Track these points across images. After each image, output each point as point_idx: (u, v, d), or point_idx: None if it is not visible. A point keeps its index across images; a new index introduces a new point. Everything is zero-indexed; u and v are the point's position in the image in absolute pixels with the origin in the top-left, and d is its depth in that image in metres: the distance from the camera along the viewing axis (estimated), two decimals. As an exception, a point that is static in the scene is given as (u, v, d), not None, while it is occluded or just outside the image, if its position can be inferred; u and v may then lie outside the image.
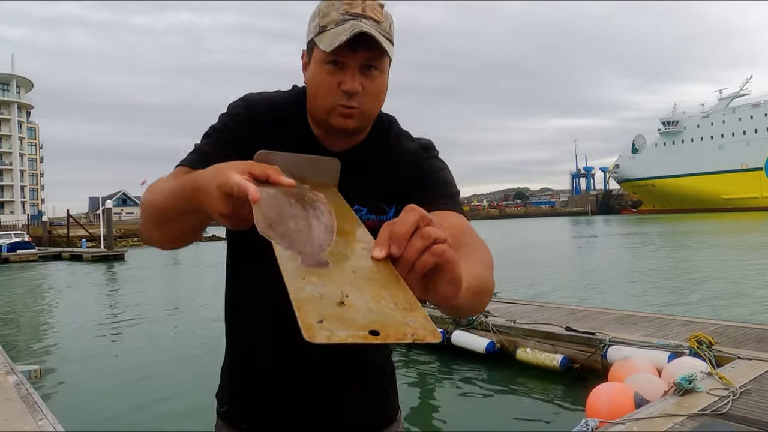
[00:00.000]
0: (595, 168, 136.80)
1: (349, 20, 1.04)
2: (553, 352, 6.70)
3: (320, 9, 1.09)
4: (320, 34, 1.06)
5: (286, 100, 1.22)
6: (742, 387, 4.40)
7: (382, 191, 1.20)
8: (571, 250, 30.33)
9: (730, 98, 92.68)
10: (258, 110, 1.19)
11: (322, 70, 1.08)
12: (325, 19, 1.06)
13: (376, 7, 1.08)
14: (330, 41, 1.04)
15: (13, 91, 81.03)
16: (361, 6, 1.06)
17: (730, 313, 10.25)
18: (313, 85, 1.12)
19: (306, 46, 1.14)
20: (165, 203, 0.99)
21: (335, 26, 1.04)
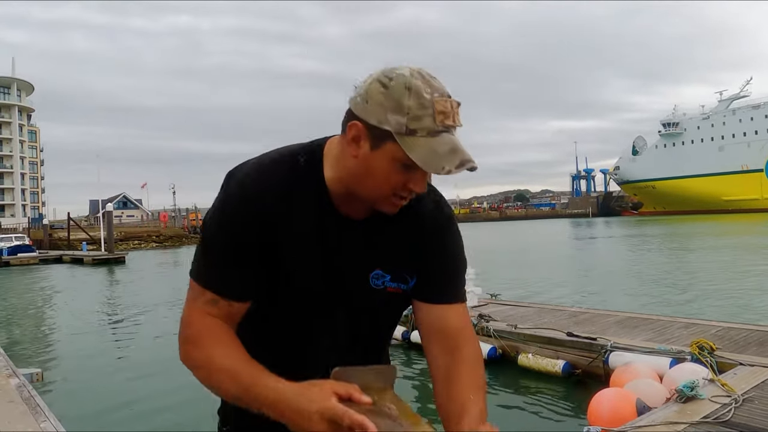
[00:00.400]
0: (595, 170, 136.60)
1: (444, 132, 1.00)
2: (555, 357, 6.69)
3: (409, 106, 0.99)
4: (408, 137, 1.00)
5: (295, 173, 1.13)
6: (745, 394, 4.39)
7: (404, 259, 1.21)
8: (571, 251, 30.31)
9: (730, 100, 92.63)
10: (264, 202, 1.10)
11: (393, 168, 1.04)
12: (416, 122, 0.99)
13: (457, 110, 1.03)
14: (427, 160, 0.99)
15: (13, 94, 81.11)
16: (452, 113, 1.01)
17: (732, 314, 10.24)
18: (374, 177, 1.06)
19: (368, 127, 1.03)
20: (233, 398, 1.06)
21: (428, 136, 0.99)
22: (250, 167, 1.14)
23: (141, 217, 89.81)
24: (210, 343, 1.08)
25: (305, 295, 1.16)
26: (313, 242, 1.14)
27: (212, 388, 1.08)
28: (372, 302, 1.21)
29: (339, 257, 1.16)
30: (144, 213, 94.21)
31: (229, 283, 1.11)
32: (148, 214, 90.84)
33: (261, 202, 1.10)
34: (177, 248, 51.41)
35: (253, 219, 1.09)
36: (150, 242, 54.77)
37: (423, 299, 1.25)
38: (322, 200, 1.14)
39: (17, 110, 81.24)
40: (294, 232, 1.12)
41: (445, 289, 1.24)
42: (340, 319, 1.20)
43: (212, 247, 1.12)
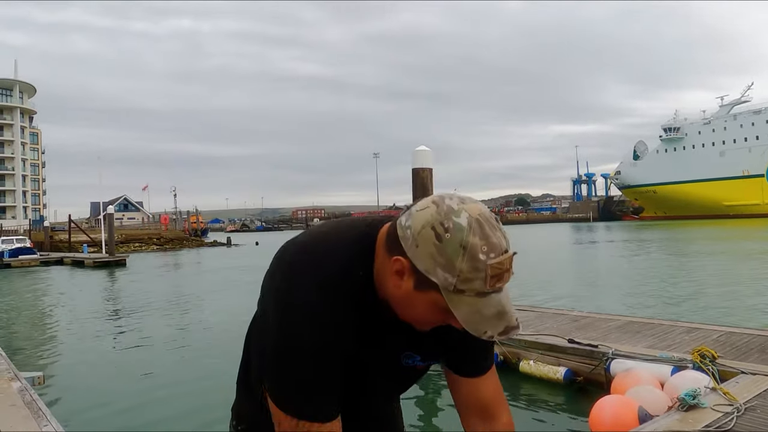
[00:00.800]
0: (596, 174, 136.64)
1: (492, 293, 0.97)
2: (557, 364, 6.69)
3: (460, 269, 0.95)
4: (454, 294, 0.97)
5: (356, 285, 1.09)
6: (747, 403, 4.39)
7: (437, 343, 1.22)
8: (572, 256, 30.30)
9: (731, 105, 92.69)
10: (341, 319, 1.07)
11: (435, 309, 1.02)
12: (466, 284, 0.96)
13: (512, 263, 0.99)
14: (469, 320, 0.97)
15: (15, 96, 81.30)
16: (506, 275, 0.97)
17: (733, 319, 10.23)
18: (414, 308, 1.05)
19: (415, 271, 1.00)
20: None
21: (476, 296, 0.96)
22: (310, 294, 1.06)
23: (142, 219, 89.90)
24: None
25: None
26: (368, 342, 1.15)
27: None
28: (402, 376, 1.26)
29: (380, 344, 1.18)
30: (145, 215, 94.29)
31: (330, 408, 1.09)
32: (149, 217, 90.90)
33: (336, 323, 1.06)
34: (178, 251, 51.41)
35: (335, 336, 1.06)
36: (151, 245, 54.77)
37: (455, 372, 1.29)
38: (376, 310, 1.12)
39: (19, 112, 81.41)
40: (361, 339, 1.13)
41: (476, 364, 1.28)
42: (362, 394, 1.24)
43: (304, 375, 1.06)
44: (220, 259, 37.76)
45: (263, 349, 1.10)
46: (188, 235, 63.10)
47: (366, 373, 1.20)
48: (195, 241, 60.15)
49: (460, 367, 1.27)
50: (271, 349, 1.07)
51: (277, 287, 1.08)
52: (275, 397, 1.08)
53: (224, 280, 22.76)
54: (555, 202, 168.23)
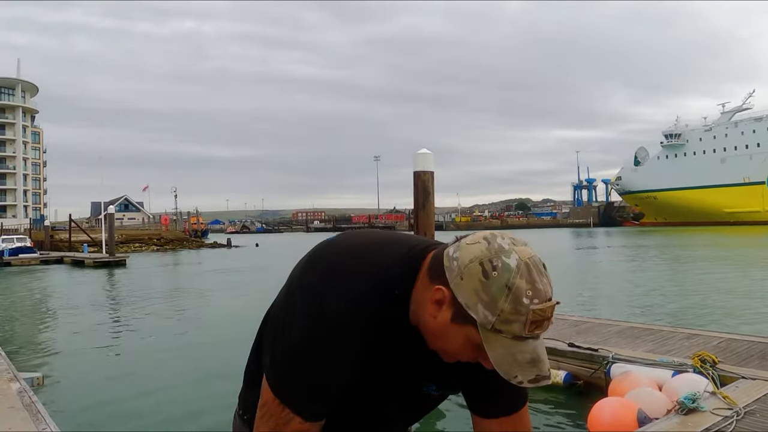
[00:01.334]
0: (597, 180, 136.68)
1: (529, 339, 0.96)
2: (557, 368, 6.68)
3: (502, 309, 0.94)
4: (490, 332, 0.96)
5: (390, 310, 1.08)
6: (746, 407, 4.39)
7: (458, 376, 1.20)
8: (572, 261, 30.28)
9: (732, 112, 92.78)
10: (364, 340, 1.06)
11: (468, 345, 1.01)
12: (505, 325, 0.95)
13: (552, 312, 0.98)
14: (502, 360, 0.96)
15: (18, 95, 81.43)
16: (546, 324, 0.97)
17: (733, 326, 10.23)
18: (446, 340, 1.03)
19: (457, 309, 0.99)
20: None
21: (512, 339, 0.95)
22: (342, 304, 1.05)
23: (142, 219, 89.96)
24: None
25: (356, 410, 1.18)
26: (391, 372, 1.15)
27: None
28: (418, 403, 1.25)
29: (400, 375, 1.17)
30: (145, 216, 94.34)
31: (317, 411, 1.09)
32: (149, 217, 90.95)
33: (360, 338, 1.05)
34: (178, 251, 51.42)
35: (348, 356, 1.06)
36: (151, 245, 54.76)
37: (475, 413, 1.27)
38: (406, 336, 1.11)
39: (21, 111, 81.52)
40: (380, 363, 1.12)
41: (496, 405, 1.24)
42: (380, 420, 1.23)
43: (306, 375, 1.06)
44: (220, 260, 37.76)
45: (278, 337, 1.10)
46: (188, 236, 63.07)
47: (386, 397, 1.19)
48: (195, 242, 60.11)
49: (477, 408, 1.24)
50: (289, 344, 1.06)
51: (312, 285, 1.06)
52: (274, 383, 1.08)
53: (224, 281, 22.77)
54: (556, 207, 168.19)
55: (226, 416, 1.43)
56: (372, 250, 1.11)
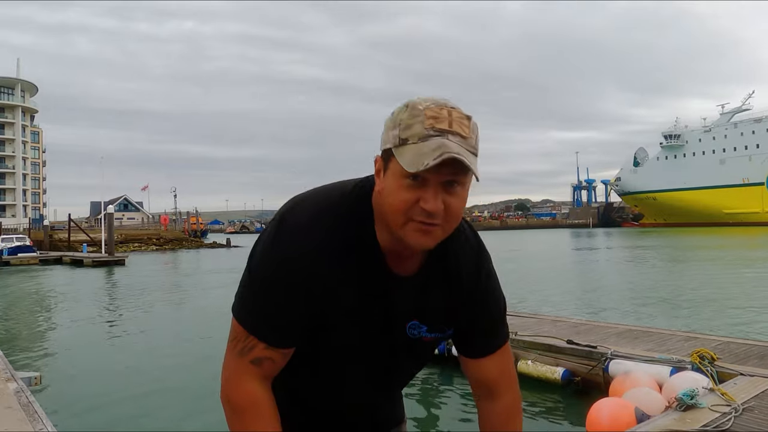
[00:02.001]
0: (596, 180, 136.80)
1: (435, 137, 0.96)
2: (555, 365, 6.69)
3: (401, 119, 1.00)
4: (401, 147, 0.98)
5: (350, 228, 1.10)
6: (745, 404, 4.39)
7: (444, 312, 1.22)
8: (572, 263, 30.28)
9: (731, 113, 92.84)
10: (319, 259, 1.08)
11: (400, 185, 1.00)
12: (407, 131, 0.98)
13: (464, 120, 0.99)
14: (412, 160, 0.96)
15: (17, 95, 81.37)
16: (448, 120, 0.98)
17: (732, 328, 10.22)
18: (388, 199, 1.03)
19: (381, 151, 1.04)
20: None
21: (418, 141, 0.97)
22: (306, 217, 1.11)
23: (142, 219, 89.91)
24: (251, 421, 1.12)
25: (343, 350, 1.19)
26: (360, 300, 1.14)
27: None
28: (408, 350, 1.24)
29: (380, 310, 1.17)
30: (145, 216, 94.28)
31: (280, 335, 1.12)
32: (148, 217, 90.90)
33: (318, 262, 1.08)
34: (177, 251, 51.40)
35: (307, 275, 1.08)
36: (150, 245, 54.75)
37: (462, 353, 1.32)
38: (375, 260, 1.12)
39: (20, 111, 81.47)
40: (343, 290, 1.12)
41: (481, 346, 1.29)
42: (373, 365, 1.24)
43: (265, 299, 1.11)
44: (220, 260, 37.73)
45: (243, 274, 1.16)
46: (188, 236, 63.04)
47: (368, 336, 1.19)
48: (194, 242, 60.10)
49: (464, 349, 1.30)
50: (248, 275, 1.13)
51: (269, 225, 1.15)
52: (238, 312, 1.13)
53: (223, 280, 22.74)
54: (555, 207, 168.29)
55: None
56: (326, 187, 1.18)
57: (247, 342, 1.11)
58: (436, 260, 1.17)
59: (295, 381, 1.25)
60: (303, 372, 1.23)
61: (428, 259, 1.16)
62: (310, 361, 1.21)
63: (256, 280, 1.12)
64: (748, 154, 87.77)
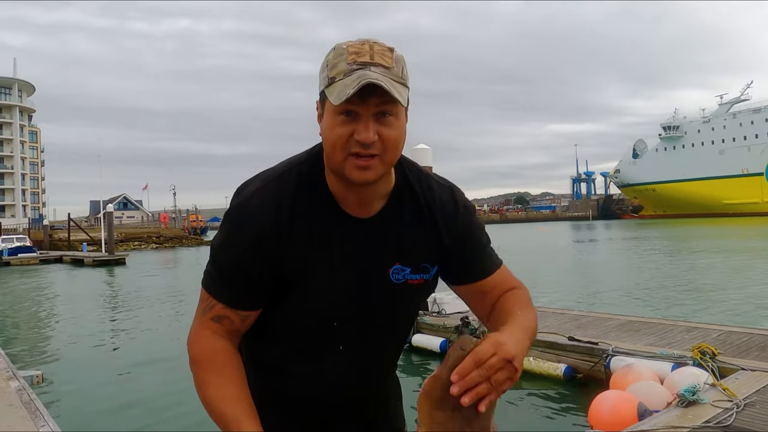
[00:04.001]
0: (595, 173, 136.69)
1: (357, 70, 1.01)
2: (557, 361, 6.69)
3: (329, 60, 1.06)
4: (330, 86, 1.04)
5: (299, 183, 1.14)
6: (746, 399, 4.39)
7: (422, 250, 1.20)
8: (572, 254, 30.30)
9: (730, 103, 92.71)
10: (269, 218, 1.11)
11: (334, 122, 1.05)
12: (334, 70, 1.04)
13: (385, 52, 1.04)
14: (338, 94, 1.01)
15: (14, 94, 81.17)
16: (369, 53, 1.03)
17: (733, 318, 10.24)
18: (327, 137, 1.08)
19: (319, 97, 1.10)
20: (212, 419, 1.15)
21: (344, 77, 1.02)
22: (254, 183, 1.16)
23: (141, 218, 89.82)
24: (208, 369, 1.15)
25: (317, 306, 1.17)
26: (323, 251, 1.14)
27: (201, 400, 1.17)
28: (393, 298, 1.20)
29: (354, 260, 1.16)
30: (144, 214, 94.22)
31: (235, 296, 1.15)
32: (148, 215, 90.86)
33: (266, 218, 1.11)
34: (177, 249, 51.40)
35: (259, 235, 1.11)
36: (150, 243, 54.75)
37: (453, 282, 1.27)
38: (327, 206, 1.14)
39: (18, 111, 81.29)
40: (302, 246, 1.12)
41: (472, 271, 1.25)
42: (350, 327, 1.20)
43: (221, 261, 1.16)
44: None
45: None
46: (187, 233, 63.04)
47: (353, 310, 1.17)
48: (194, 239, 60.08)
49: (453, 278, 1.26)
50: (211, 246, 1.21)
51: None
52: (203, 278, 1.21)
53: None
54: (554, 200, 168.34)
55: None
56: (276, 165, 1.22)
57: (209, 302, 1.17)
58: (401, 199, 1.18)
59: (273, 358, 1.24)
60: (281, 347, 1.22)
61: (391, 199, 1.18)
62: (284, 331, 1.20)
63: (213, 246, 1.19)
64: (747, 145, 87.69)
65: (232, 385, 1.13)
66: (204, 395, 1.15)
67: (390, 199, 1.18)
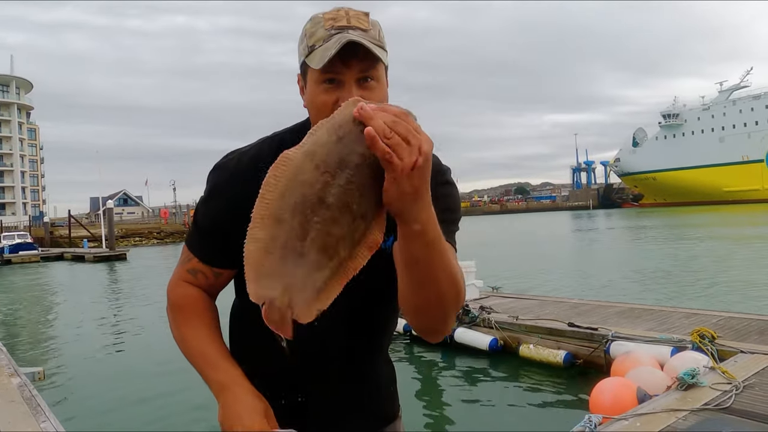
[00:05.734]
0: (595, 162, 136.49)
1: (336, 34, 1.02)
2: (556, 348, 6.71)
3: (306, 30, 1.07)
4: (310, 54, 1.05)
5: (282, 148, 1.10)
6: (745, 381, 4.41)
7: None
8: (573, 244, 30.32)
9: (730, 90, 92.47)
10: (246, 176, 1.11)
11: (317, 90, 1.06)
12: (312, 38, 1.05)
13: (361, 16, 1.06)
14: (320, 58, 1.02)
15: (12, 92, 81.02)
16: (346, 18, 1.04)
17: (732, 304, 10.26)
18: (311, 107, 1.09)
19: (300, 70, 1.12)
20: (188, 359, 1.19)
21: (323, 43, 1.03)
22: (243, 149, 1.21)
23: (142, 213, 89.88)
24: (187, 313, 1.22)
25: None
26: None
27: (176, 341, 1.24)
28: (378, 269, 1.10)
29: None
30: (145, 210, 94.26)
31: (208, 252, 1.20)
32: (148, 211, 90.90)
33: (242, 178, 1.13)
34: (178, 244, 51.44)
35: (234, 194, 1.13)
36: (151, 239, 54.81)
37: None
38: None
39: (16, 108, 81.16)
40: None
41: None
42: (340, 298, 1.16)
43: (199, 217, 1.22)
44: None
45: None
46: (188, 228, 62.94)
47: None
48: (195, 234, 60.08)
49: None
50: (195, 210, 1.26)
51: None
52: (185, 238, 1.26)
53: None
54: (554, 190, 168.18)
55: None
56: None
57: (186, 255, 1.24)
58: None
59: (246, 326, 1.26)
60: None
61: None
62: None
63: (197, 205, 1.23)
64: (747, 132, 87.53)
65: (209, 328, 1.19)
66: (182, 335, 1.21)
67: None
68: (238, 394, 1.10)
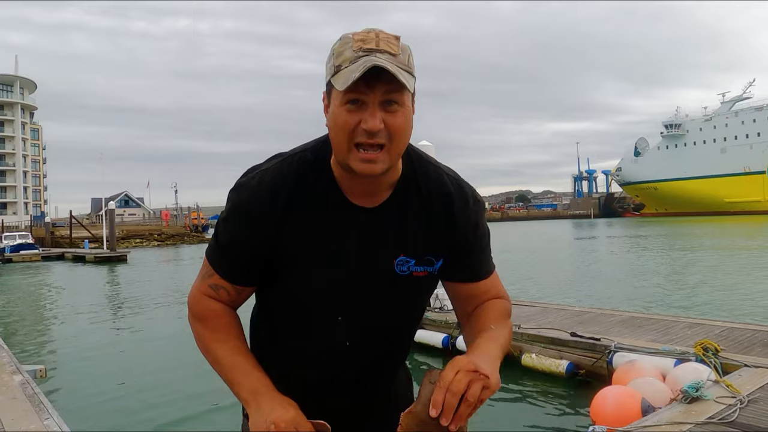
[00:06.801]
0: (597, 171, 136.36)
1: (363, 56, 1.01)
2: (559, 357, 6.69)
3: (334, 49, 1.06)
4: (336, 75, 1.04)
5: (304, 170, 1.15)
6: (750, 395, 4.39)
7: (427, 243, 1.19)
8: (574, 252, 30.27)
9: (732, 101, 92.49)
10: (273, 201, 1.13)
11: (341, 111, 1.04)
12: (340, 58, 1.04)
13: (391, 40, 1.05)
14: (344, 80, 1.01)
15: (16, 92, 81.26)
16: (375, 41, 1.03)
17: (735, 314, 10.23)
18: (333, 127, 1.07)
19: (325, 88, 1.10)
20: (216, 369, 1.20)
21: (350, 64, 1.02)
22: (261, 165, 1.19)
23: (143, 215, 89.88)
24: (212, 327, 1.21)
25: (319, 296, 1.18)
26: (319, 233, 1.15)
27: (203, 353, 1.23)
28: (398, 289, 1.20)
29: (357, 249, 1.16)
30: (146, 211, 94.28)
31: (230, 270, 1.20)
32: (149, 213, 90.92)
33: (262, 199, 1.13)
34: (178, 246, 51.44)
35: (255, 215, 1.13)
36: (152, 240, 54.77)
37: (451, 280, 1.26)
38: (331, 193, 1.15)
39: (20, 108, 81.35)
40: (300, 230, 1.14)
41: (465, 271, 1.25)
42: (360, 314, 1.20)
43: (221, 235, 1.20)
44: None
45: None
46: (189, 230, 63.04)
47: (356, 299, 1.17)
48: (196, 236, 60.07)
49: (454, 275, 1.25)
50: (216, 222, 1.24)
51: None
52: (206, 250, 1.25)
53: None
54: (556, 198, 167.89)
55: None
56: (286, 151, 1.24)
57: (208, 270, 1.22)
58: (407, 190, 1.18)
59: (276, 334, 1.27)
60: (285, 326, 1.24)
61: (397, 189, 1.17)
62: (286, 311, 1.22)
63: (218, 220, 1.22)
64: (749, 143, 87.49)
65: (237, 339, 1.20)
66: (208, 347, 1.20)
67: (396, 189, 1.17)
68: (273, 396, 1.12)
